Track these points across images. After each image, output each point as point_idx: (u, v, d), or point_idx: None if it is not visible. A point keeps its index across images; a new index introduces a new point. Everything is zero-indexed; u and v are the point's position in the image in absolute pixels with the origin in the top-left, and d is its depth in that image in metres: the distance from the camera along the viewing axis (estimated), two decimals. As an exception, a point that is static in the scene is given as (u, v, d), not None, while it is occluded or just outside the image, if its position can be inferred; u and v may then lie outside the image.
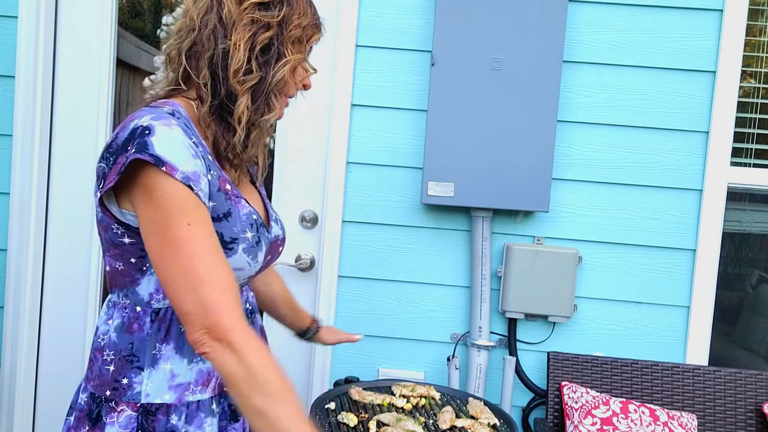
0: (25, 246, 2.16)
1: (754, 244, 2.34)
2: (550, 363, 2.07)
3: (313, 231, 2.21)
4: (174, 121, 0.97)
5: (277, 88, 1.06)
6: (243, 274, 1.06)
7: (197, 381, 1.05)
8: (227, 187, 1.04)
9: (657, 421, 1.89)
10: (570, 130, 2.12)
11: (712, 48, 2.09)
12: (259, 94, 1.04)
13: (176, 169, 0.93)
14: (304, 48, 1.09)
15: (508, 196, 2.05)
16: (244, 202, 1.07)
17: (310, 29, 1.10)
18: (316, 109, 2.17)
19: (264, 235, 1.09)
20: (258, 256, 1.06)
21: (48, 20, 2.14)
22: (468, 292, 2.16)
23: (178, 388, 1.04)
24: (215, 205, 1.01)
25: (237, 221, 1.03)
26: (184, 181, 0.93)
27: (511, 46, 2.02)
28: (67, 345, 2.25)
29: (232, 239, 1.02)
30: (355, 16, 2.11)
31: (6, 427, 2.19)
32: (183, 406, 1.04)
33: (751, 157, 2.21)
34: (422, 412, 1.61)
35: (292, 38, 1.06)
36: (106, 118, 2.21)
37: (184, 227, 0.93)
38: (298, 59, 1.08)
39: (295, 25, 1.06)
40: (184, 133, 0.97)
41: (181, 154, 0.94)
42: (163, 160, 0.92)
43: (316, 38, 1.12)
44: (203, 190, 0.96)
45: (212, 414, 1.07)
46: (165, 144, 0.93)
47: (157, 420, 1.02)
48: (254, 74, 1.03)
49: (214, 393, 1.08)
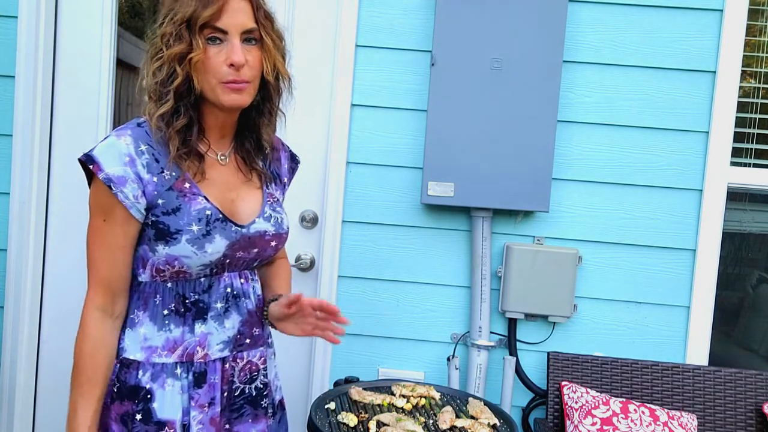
0: (25, 246, 2.16)
1: (754, 244, 2.34)
2: (550, 363, 2.07)
3: (313, 231, 2.21)
4: (129, 132, 1.19)
5: (167, 83, 1.18)
6: (192, 261, 1.21)
7: (164, 347, 1.24)
8: (185, 186, 1.21)
9: (657, 421, 1.89)
10: (570, 130, 2.12)
11: (712, 48, 2.09)
12: (154, 93, 1.19)
13: (102, 169, 1.15)
14: (193, 35, 1.16)
15: (508, 196, 2.05)
16: (201, 199, 1.22)
17: (197, 12, 1.15)
18: (316, 109, 2.17)
19: (221, 228, 1.22)
20: (206, 246, 1.20)
21: (48, 20, 2.15)
22: (468, 292, 2.16)
23: (147, 350, 1.24)
24: (165, 201, 1.19)
25: (184, 215, 1.19)
26: (105, 181, 1.15)
27: (511, 46, 2.02)
28: (67, 345, 2.22)
29: (176, 230, 1.19)
30: (355, 16, 2.11)
31: (6, 428, 2.19)
32: (150, 365, 1.23)
33: (751, 157, 2.21)
34: (422, 412, 1.61)
35: (166, 35, 1.17)
36: (106, 118, 2.21)
37: (99, 221, 1.19)
38: (175, 51, 1.16)
39: (168, 22, 1.17)
40: (132, 142, 1.18)
41: (111, 159, 1.15)
42: (94, 160, 1.15)
43: (206, 15, 1.15)
44: (124, 191, 1.16)
45: (175, 377, 1.24)
46: (103, 150, 1.16)
47: (129, 373, 1.23)
48: (149, 79, 1.20)
49: (180, 360, 1.24)
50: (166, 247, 1.19)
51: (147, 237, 1.21)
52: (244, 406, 1.32)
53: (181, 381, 1.24)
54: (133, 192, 1.17)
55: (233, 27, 1.17)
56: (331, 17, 2.16)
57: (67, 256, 2.23)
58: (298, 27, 2.17)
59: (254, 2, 1.20)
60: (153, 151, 1.19)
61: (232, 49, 1.17)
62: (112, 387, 1.23)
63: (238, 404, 1.31)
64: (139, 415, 1.22)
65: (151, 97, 1.20)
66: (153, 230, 1.19)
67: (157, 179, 1.19)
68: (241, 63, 1.17)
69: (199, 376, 1.26)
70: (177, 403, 1.24)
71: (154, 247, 1.20)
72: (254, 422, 1.34)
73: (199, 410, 1.25)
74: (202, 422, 1.25)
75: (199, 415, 1.25)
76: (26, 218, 2.15)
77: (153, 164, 1.19)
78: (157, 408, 1.22)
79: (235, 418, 1.31)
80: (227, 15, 1.16)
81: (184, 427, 1.24)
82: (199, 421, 1.25)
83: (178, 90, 1.18)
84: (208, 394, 1.26)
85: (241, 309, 1.30)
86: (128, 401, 1.22)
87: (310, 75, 2.16)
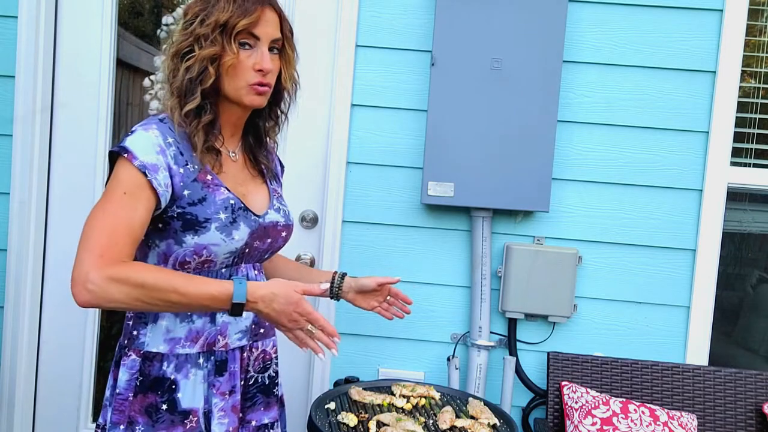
0: (25, 246, 2.16)
1: (754, 244, 2.34)
2: (550, 363, 2.07)
3: (313, 231, 2.21)
4: (154, 126, 1.23)
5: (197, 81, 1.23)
6: (220, 249, 1.25)
7: (187, 337, 1.27)
8: (208, 177, 1.26)
9: (657, 421, 1.89)
10: (570, 130, 2.12)
11: (712, 48, 2.09)
12: (182, 90, 1.24)
13: (136, 158, 1.18)
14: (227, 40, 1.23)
15: (508, 196, 2.05)
16: (224, 189, 1.27)
17: (234, 19, 1.23)
18: (316, 109, 2.17)
19: (244, 217, 1.28)
20: (233, 233, 1.26)
21: (48, 20, 2.15)
22: (468, 292, 2.16)
23: (171, 342, 1.27)
24: (190, 192, 1.23)
25: (211, 204, 1.24)
26: (140, 168, 1.17)
27: (511, 46, 2.02)
28: (67, 345, 2.25)
29: (205, 219, 1.23)
30: (355, 16, 2.11)
31: (6, 427, 2.19)
32: (173, 357, 1.26)
33: (751, 157, 2.21)
34: (422, 412, 1.61)
35: (202, 36, 1.23)
36: (106, 118, 2.21)
37: (119, 192, 1.17)
38: (211, 52, 1.22)
39: (206, 24, 1.23)
40: (160, 135, 1.22)
41: (144, 149, 1.19)
42: (128, 149, 1.18)
43: (246, 23, 1.24)
44: (158, 179, 1.18)
45: (198, 366, 1.28)
46: (135, 140, 1.20)
47: (153, 365, 1.26)
48: (178, 76, 1.24)
49: (202, 349, 1.28)
50: (195, 236, 1.22)
51: (173, 230, 1.23)
52: (257, 395, 1.38)
53: (203, 370, 1.28)
54: (165, 180, 1.20)
55: (265, 35, 1.27)
56: (331, 17, 2.16)
57: (67, 256, 2.23)
58: (298, 27, 2.16)
59: (282, 15, 1.32)
60: (178, 145, 1.24)
61: (262, 56, 1.27)
62: (135, 380, 1.26)
63: (251, 393, 1.37)
64: (165, 405, 1.25)
65: (174, 94, 1.24)
66: (180, 221, 1.22)
67: (183, 171, 1.23)
68: (270, 69, 1.27)
69: (220, 365, 1.30)
70: (200, 392, 1.28)
71: (182, 238, 1.23)
72: (266, 410, 1.39)
73: (221, 398, 1.29)
74: (224, 409, 1.29)
75: (221, 403, 1.29)
76: (26, 218, 2.15)
77: (179, 156, 1.24)
78: (181, 397, 1.26)
79: (248, 407, 1.36)
80: (262, 24, 1.26)
81: (205, 414, 1.28)
82: (221, 408, 1.29)
83: (205, 88, 1.24)
84: (230, 382, 1.30)
85: None
86: (152, 393, 1.25)
87: (311, 75, 2.16)
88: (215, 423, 1.27)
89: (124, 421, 1.25)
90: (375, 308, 1.57)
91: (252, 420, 1.37)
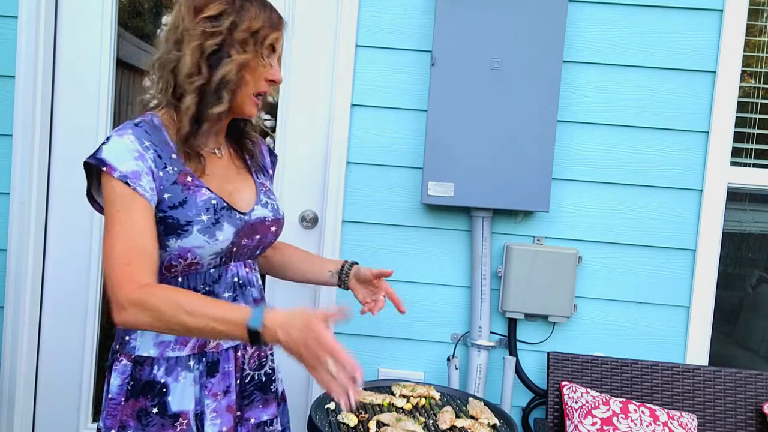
0: (25, 246, 2.16)
1: (754, 244, 2.34)
2: (550, 363, 2.07)
3: (313, 231, 2.21)
4: (130, 131, 1.21)
5: (229, 85, 1.23)
6: (205, 251, 1.24)
7: (176, 340, 1.27)
8: (188, 179, 1.24)
9: (657, 421, 1.89)
10: (570, 130, 2.12)
11: (712, 48, 2.09)
12: (208, 91, 1.22)
13: (115, 169, 1.17)
14: (258, 48, 1.25)
15: (508, 196, 2.05)
16: (205, 190, 1.26)
17: (265, 30, 1.25)
18: (316, 109, 2.17)
19: (227, 216, 1.26)
20: (217, 234, 1.24)
21: (48, 20, 2.15)
22: (468, 292, 2.16)
23: (160, 345, 1.26)
24: (171, 196, 1.22)
25: (192, 207, 1.22)
26: (121, 179, 1.17)
27: (511, 46, 2.02)
28: (67, 345, 2.25)
29: (187, 222, 1.22)
30: (355, 16, 2.11)
31: (6, 427, 2.19)
32: (164, 360, 1.26)
33: (751, 157, 2.21)
34: (422, 412, 1.61)
35: (239, 41, 1.22)
36: (106, 118, 2.21)
37: (113, 212, 1.17)
38: (247, 58, 1.23)
39: (242, 29, 1.22)
40: (135, 140, 1.20)
41: (121, 157, 1.18)
42: (105, 162, 1.17)
43: (274, 36, 1.27)
44: (142, 185, 1.18)
45: (189, 369, 1.27)
46: (111, 149, 1.18)
47: (143, 370, 1.26)
48: (201, 75, 1.21)
49: (192, 352, 1.28)
50: (177, 240, 1.22)
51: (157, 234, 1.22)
52: (254, 392, 1.38)
53: (193, 372, 1.28)
54: (149, 184, 1.19)
55: (279, 52, 1.32)
56: (331, 17, 2.16)
57: (67, 255, 2.23)
58: (298, 27, 2.17)
59: None
60: (155, 148, 1.23)
61: (276, 69, 1.30)
62: (126, 385, 1.26)
63: (248, 391, 1.37)
64: (155, 408, 1.25)
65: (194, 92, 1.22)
66: (162, 226, 1.22)
67: (162, 174, 1.22)
68: (281, 82, 1.33)
69: (212, 365, 1.29)
70: (190, 394, 1.27)
71: (165, 242, 1.22)
72: (264, 407, 1.39)
73: (213, 399, 1.28)
74: (216, 410, 1.29)
75: (213, 404, 1.28)
76: (26, 218, 2.15)
77: (158, 160, 1.22)
78: (171, 401, 1.26)
79: (246, 404, 1.36)
80: (282, 41, 1.31)
81: (197, 416, 1.28)
82: (213, 409, 1.28)
83: None
84: (223, 382, 1.30)
85: (247, 297, 1.34)
86: (143, 397, 1.25)
87: (310, 75, 2.16)
88: (208, 424, 1.27)
89: (116, 425, 1.25)
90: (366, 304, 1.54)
91: (251, 418, 1.37)
